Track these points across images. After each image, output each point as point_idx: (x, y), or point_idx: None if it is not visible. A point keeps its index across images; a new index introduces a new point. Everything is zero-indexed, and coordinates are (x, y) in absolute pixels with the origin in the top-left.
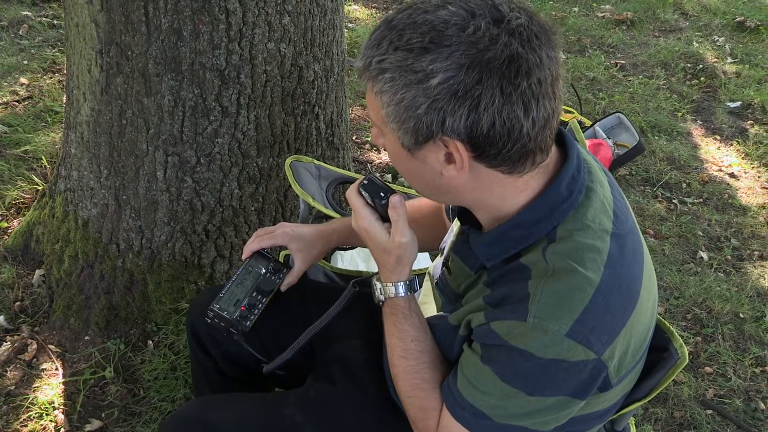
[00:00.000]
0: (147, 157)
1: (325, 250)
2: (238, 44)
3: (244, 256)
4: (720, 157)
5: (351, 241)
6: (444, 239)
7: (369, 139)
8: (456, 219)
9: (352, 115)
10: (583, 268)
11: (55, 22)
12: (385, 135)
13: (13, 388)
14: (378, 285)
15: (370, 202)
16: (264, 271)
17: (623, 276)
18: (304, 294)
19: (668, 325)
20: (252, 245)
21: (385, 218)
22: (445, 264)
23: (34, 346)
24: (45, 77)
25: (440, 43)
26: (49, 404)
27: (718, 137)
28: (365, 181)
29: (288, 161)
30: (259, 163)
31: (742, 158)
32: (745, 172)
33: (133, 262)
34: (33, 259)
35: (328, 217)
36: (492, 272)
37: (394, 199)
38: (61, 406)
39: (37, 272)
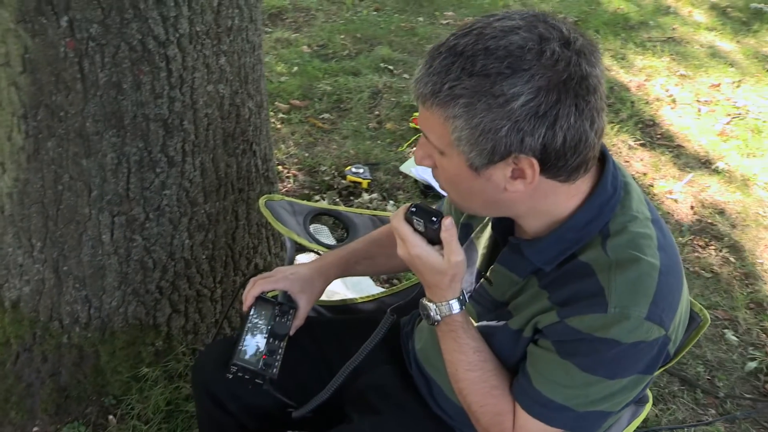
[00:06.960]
0: (90, 222)
1: (324, 287)
2: (179, 90)
3: (246, 305)
4: None
5: (348, 273)
6: (468, 257)
7: None
8: (481, 238)
9: None
10: (644, 255)
11: None
12: (447, 157)
13: None
14: (432, 306)
15: (419, 228)
16: (273, 315)
17: (671, 256)
18: (313, 331)
19: None
20: (253, 291)
21: (434, 241)
22: (481, 276)
23: None
24: None
25: (519, 68)
26: None
27: None
28: (413, 209)
29: (261, 201)
30: (206, 209)
31: None
32: None
33: (81, 336)
34: None
35: (306, 250)
36: (547, 275)
37: (446, 222)
38: None
39: None
